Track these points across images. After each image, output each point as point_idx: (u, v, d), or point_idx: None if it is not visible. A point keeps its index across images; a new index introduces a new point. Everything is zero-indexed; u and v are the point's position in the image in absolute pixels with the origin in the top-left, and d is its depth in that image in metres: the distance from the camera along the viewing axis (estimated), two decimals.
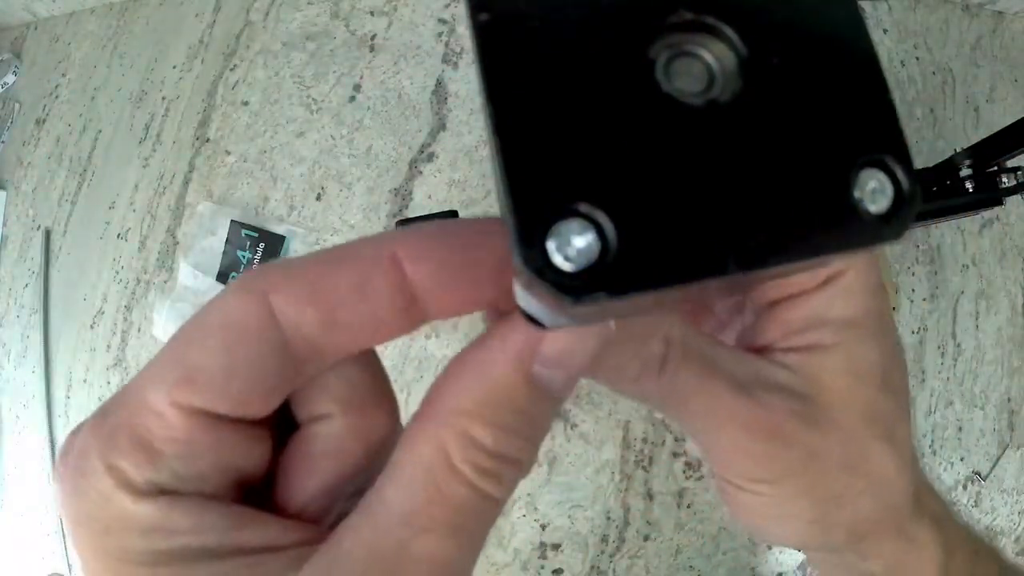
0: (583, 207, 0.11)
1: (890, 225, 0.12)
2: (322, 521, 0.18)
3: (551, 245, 0.11)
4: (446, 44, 0.94)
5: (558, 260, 0.11)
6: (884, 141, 0.12)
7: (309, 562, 0.16)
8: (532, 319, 0.16)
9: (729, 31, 0.12)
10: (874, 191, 0.12)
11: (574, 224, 0.11)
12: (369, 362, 0.18)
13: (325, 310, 0.15)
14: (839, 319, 0.21)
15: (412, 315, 0.16)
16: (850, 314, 0.21)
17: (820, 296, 0.21)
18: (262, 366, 0.15)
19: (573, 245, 0.11)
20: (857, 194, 0.12)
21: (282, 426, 0.18)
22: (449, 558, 0.15)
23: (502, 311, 0.16)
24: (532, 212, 0.11)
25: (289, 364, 0.15)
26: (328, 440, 0.17)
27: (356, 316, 0.15)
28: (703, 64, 0.12)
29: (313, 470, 0.17)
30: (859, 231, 0.12)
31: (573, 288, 0.11)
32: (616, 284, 0.11)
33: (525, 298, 0.15)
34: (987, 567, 0.29)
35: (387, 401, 0.19)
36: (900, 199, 0.12)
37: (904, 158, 0.12)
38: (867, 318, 0.22)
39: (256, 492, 0.18)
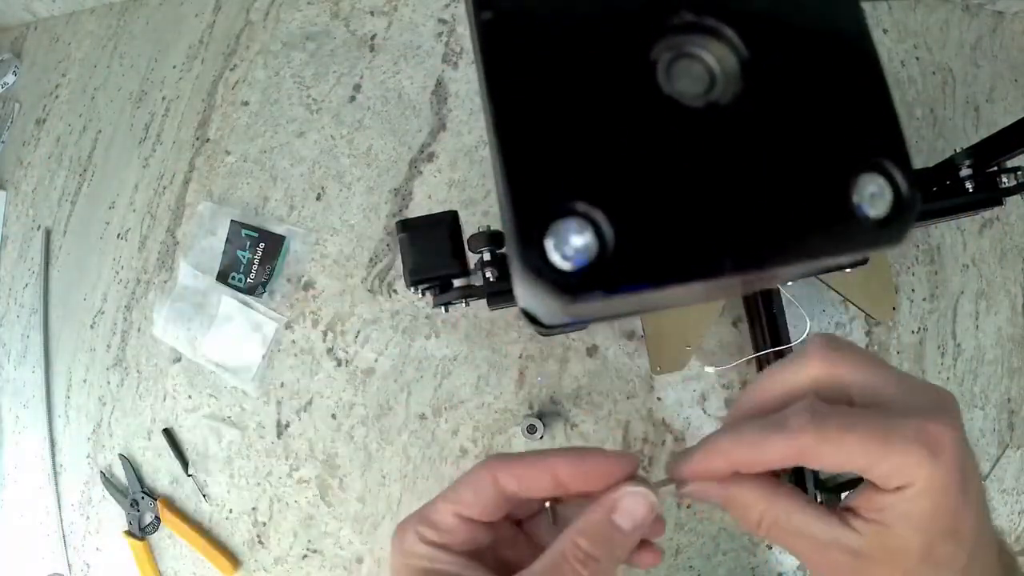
0: (581, 206, 0.11)
1: (889, 230, 0.12)
2: None
3: (549, 244, 0.11)
4: (446, 44, 0.94)
5: (556, 259, 0.11)
6: (884, 146, 0.12)
7: None
8: (532, 319, 0.16)
9: (730, 33, 0.12)
10: (873, 195, 0.12)
11: (572, 223, 0.11)
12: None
13: (518, 483, 0.30)
14: (915, 513, 0.26)
15: (560, 491, 0.31)
16: (926, 509, 0.26)
17: (895, 497, 0.26)
18: (491, 503, 0.30)
19: (571, 244, 0.11)
20: (856, 198, 0.12)
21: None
22: None
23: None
24: (531, 211, 0.11)
25: (508, 501, 0.31)
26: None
27: (532, 490, 0.30)
28: (704, 66, 0.12)
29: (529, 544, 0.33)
30: (857, 235, 0.12)
31: (570, 286, 0.11)
32: (613, 282, 0.11)
33: (525, 296, 0.15)
34: None
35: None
36: (899, 204, 0.12)
37: (904, 163, 0.12)
38: (940, 514, 0.26)
39: (489, 557, 0.32)
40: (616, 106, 0.12)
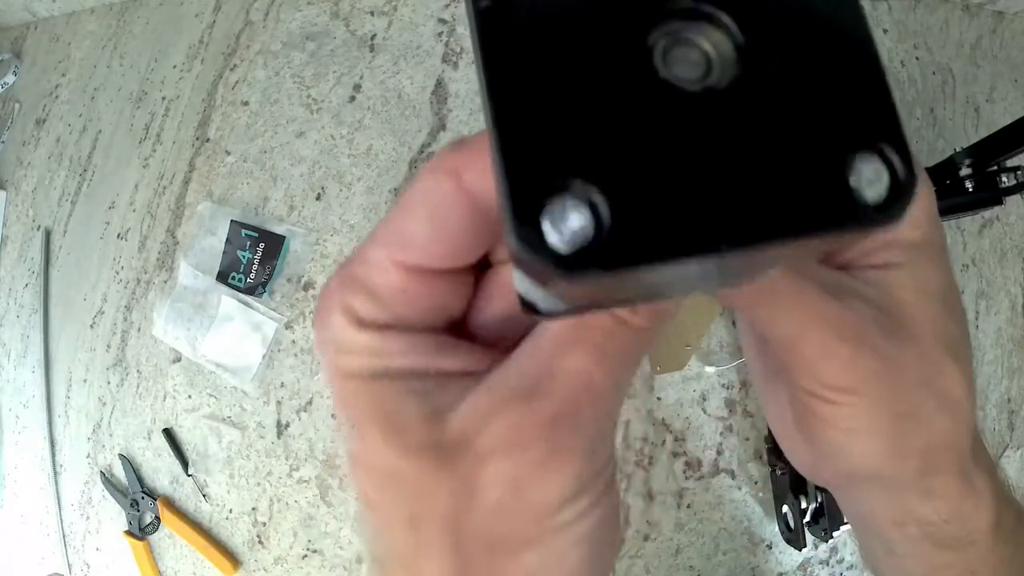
0: (577, 184, 0.11)
1: (886, 212, 0.12)
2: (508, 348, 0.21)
3: (546, 223, 0.11)
4: (446, 44, 0.94)
5: (552, 237, 0.11)
6: (880, 129, 0.12)
7: (485, 379, 0.20)
8: (528, 305, 0.16)
9: (727, 19, 0.12)
10: (869, 178, 0.12)
11: (568, 201, 0.11)
12: None
13: None
14: (907, 241, 0.23)
15: None
16: (916, 238, 0.23)
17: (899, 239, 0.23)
18: (460, 230, 0.18)
19: (567, 222, 0.11)
20: (853, 181, 0.12)
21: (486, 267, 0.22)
22: (591, 375, 0.18)
23: None
24: (526, 189, 0.11)
25: (485, 224, 0.19)
26: (507, 275, 0.21)
27: None
28: (701, 52, 0.12)
29: (496, 300, 0.21)
30: (854, 216, 0.12)
31: (567, 265, 0.11)
32: (609, 261, 0.11)
33: (523, 282, 0.15)
34: None
35: None
36: (896, 187, 0.12)
37: (901, 146, 0.12)
38: (931, 243, 0.24)
39: (459, 324, 0.22)
40: (612, 90, 0.12)
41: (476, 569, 0.19)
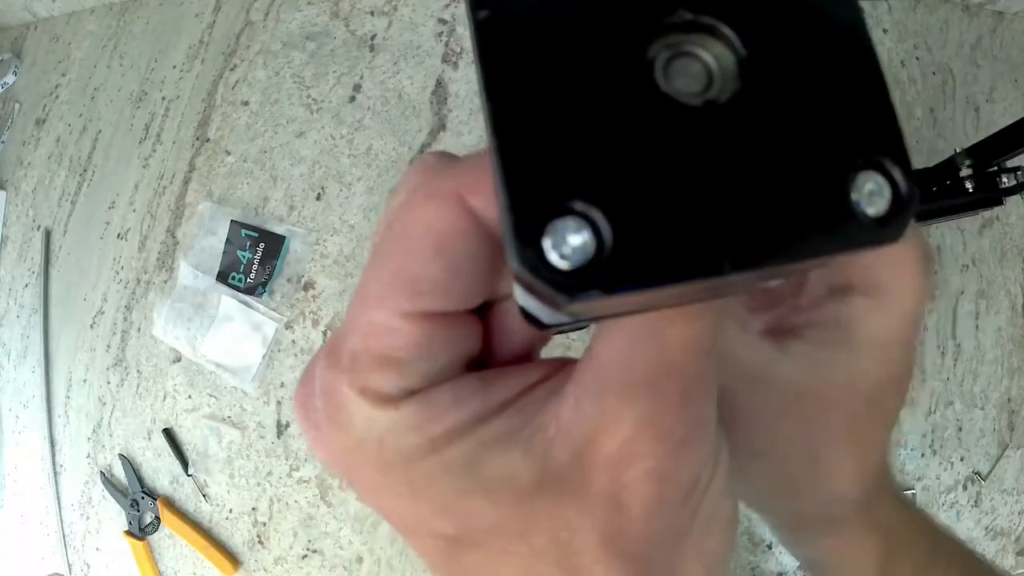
0: (579, 205, 0.11)
1: (888, 228, 0.12)
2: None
3: (547, 243, 0.11)
4: (446, 44, 0.94)
5: (554, 258, 0.11)
6: (882, 144, 0.12)
7: (572, 380, 0.17)
8: (531, 318, 0.16)
9: (728, 31, 0.12)
10: (871, 193, 0.12)
11: (570, 222, 0.11)
12: None
13: None
14: (877, 329, 0.22)
15: None
16: (892, 327, 0.22)
17: (862, 304, 0.22)
18: (476, 262, 0.16)
19: (569, 243, 0.11)
20: (855, 196, 0.12)
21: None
22: (701, 335, 0.16)
23: None
24: (528, 210, 0.11)
25: (498, 252, 0.16)
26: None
27: None
28: (702, 64, 0.12)
29: (515, 333, 0.19)
30: (856, 233, 0.12)
31: (568, 286, 0.11)
32: (611, 282, 0.11)
33: (524, 296, 0.15)
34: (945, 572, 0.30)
35: None
36: (898, 202, 0.12)
37: (902, 161, 0.12)
38: (901, 339, 0.23)
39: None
40: (614, 104, 0.12)
41: (653, 573, 0.17)
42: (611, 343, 0.16)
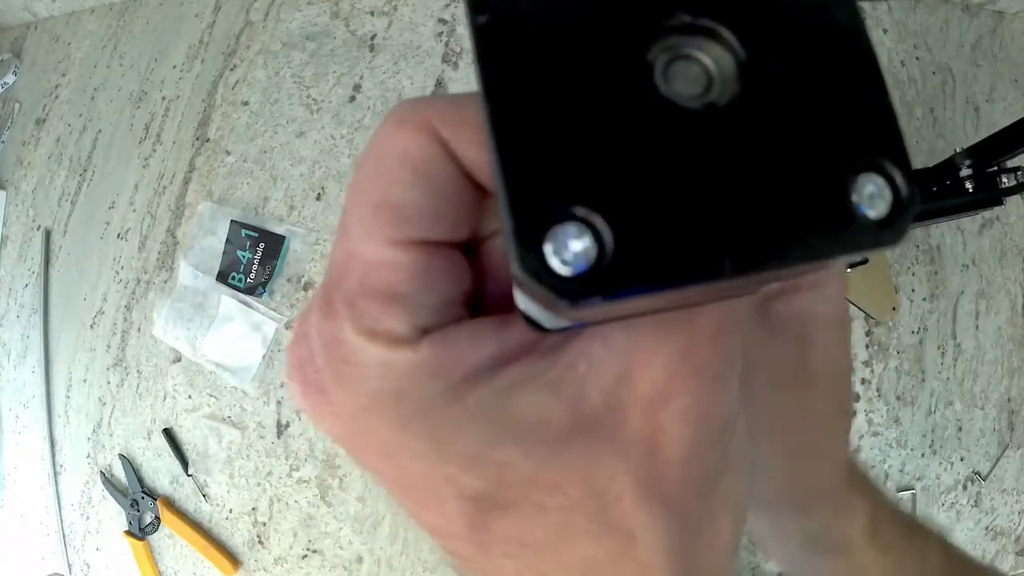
0: (580, 211, 0.11)
1: (888, 230, 0.12)
2: None
3: (548, 249, 0.11)
4: (446, 44, 0.94)
5: (555, 263, 0.11)
6: (883, 146, 0.12)
7: (586, 334, 0.16)
8: (532, 322, 0.16)
9: (727, 34, 0.12)
10: (872, 196, 0.12)
11: (571, 228, 0.11)
12: None
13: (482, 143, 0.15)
14: (827, 315, 0.24)
15: None
16: (830, 315, 0.24)
17: (807, 296, 0.24)
18: (456, 189, 0.15)
19: (570, 249, 0.11)
20: (855, 198, 0.12)
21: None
22: None
23: None
24: (529, 216, 0.11)
25: (474, 185, 0.16)
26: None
27: None
28: (701, 67, 0.12)
29: (505, 272, 0.18)
30: (857, 235, 0.12)
31: (570, 291, 0.11)
32: (612, 287, 0.11)
33: (525, 301, 0.15)
34: (924, 547, 0.32)
35: None
36: (898, 204, 0.12)
37: (903, 163, 0.12)
38: (839, 316, 0.25)
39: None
40: (614, 108, 0.12)
41: (691, 518, 0.17)
42: None
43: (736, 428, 0.17)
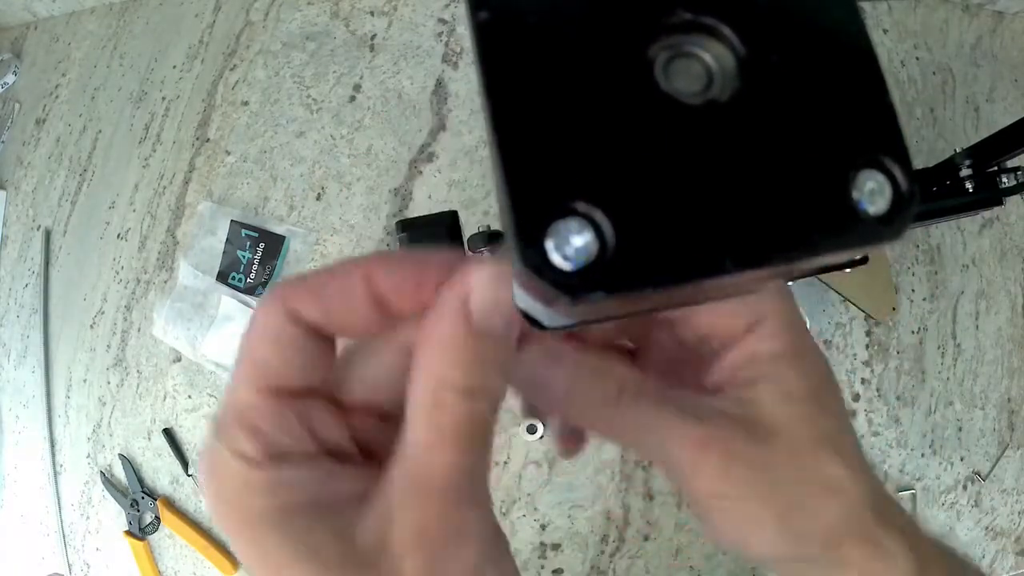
0: (581, 206, 0.11)
1: (889, 226, 0.12)
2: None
3: (549, 244, 0.11)
4: (446, 44, 0.94)
5: (556, 259, 0.11)
6: (883, 142, 0.12)
7: (375, 492, 0.21)
8: (532, 320, 0.16)
9: (728, 31, 0.12)
10: (872, 192, 0.12)
11: (572, 223, 0.11)
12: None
13: (323, 309, 0.21)
14: (767, 353, 0.25)
15: (382, 312, 0.21)
16: (777, 348, 0.25)
17: (749, 339, 0.25)
18: (301, 346, 0.21)
19: (571, 244, 0.11)
20: (856, 195, 0.12)
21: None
22: (459, 462, 0.20)
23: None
24: (531, 211, 0.11)
25: (320, 341, 0.21)
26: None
27: (345, 312, 0.21)
28: (702, 64, 0.12)
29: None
30: (857, 231, 0.12)
31: (571, 286, 0.11)
32: (614, 283, 0.11)
33: (524, 299, 0.15)
34: None
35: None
36: (899, 200, 0.12)
37: (903, 159, 0.12)
38: (792, 350, 0.25)
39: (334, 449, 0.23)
40: (614, 104, 0.12)
41: None
42: (397, 463, 0.21)
43: (499, 567, 0.22)
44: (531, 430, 0.80)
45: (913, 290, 0.85)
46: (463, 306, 0.20)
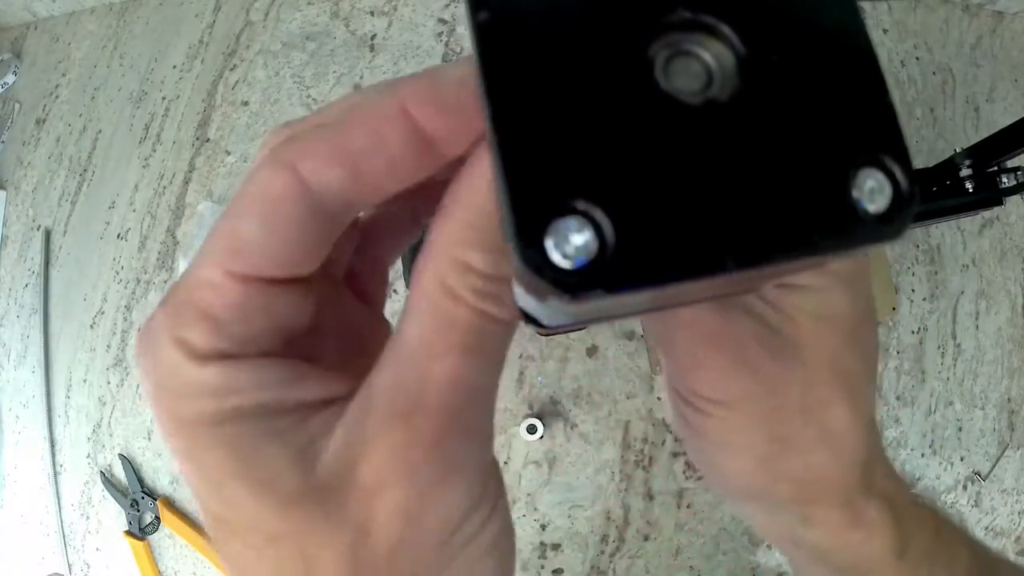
0: (581, 205, 0.11)
1: (889, 225, 0.12)
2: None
3: (549, 243, 0.11)
4: (446, 44, 0.94)
5: (556, 257, 0.11)
6: (883, 141, 0.12)
7: (350, 404, 0.17)
8: (531, 319, 0.16)
9: (727, 30, 0.12)
10: (872, 191, 0.12)
11: (572, 222, 0.11)
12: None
13: (350, 167, 0.16)
14: (824, 267, 0.21)
15: (428, 156, 0.16)
16: (836, 266, 0.22)
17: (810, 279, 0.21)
18: (300, 229, 0.16)
19: (571, 243, 0.11)
20: (856, 194, 0.12)
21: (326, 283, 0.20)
22: (466, 377, 0.16)
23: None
24: (530, 210, 0.11)
25: (326, 222, 0.17)
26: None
27: (378, 166, 0.16)
28: (702, 63, 0.12)
29: (352, 310, 0.19)
30: (858, 230, 0.12)
31: (571, 285, 0.11)
32: (613, 281, 0.11)
33: (524, 297, 0.15)
34: (952, 552, 0.28)
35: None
36: (899, 199, 0.12)
37: (903, 158, 0.12)
38: (847, 273, 0.22)
39: (304, 347, 0.19)
40: (614, 103, 0.12)
41: None
42: (383, 368, 0.17)
43: (479, 537, 0.18)
44: (531, 430, 0.80)
45: (913, 290, 0.85)
46: None
